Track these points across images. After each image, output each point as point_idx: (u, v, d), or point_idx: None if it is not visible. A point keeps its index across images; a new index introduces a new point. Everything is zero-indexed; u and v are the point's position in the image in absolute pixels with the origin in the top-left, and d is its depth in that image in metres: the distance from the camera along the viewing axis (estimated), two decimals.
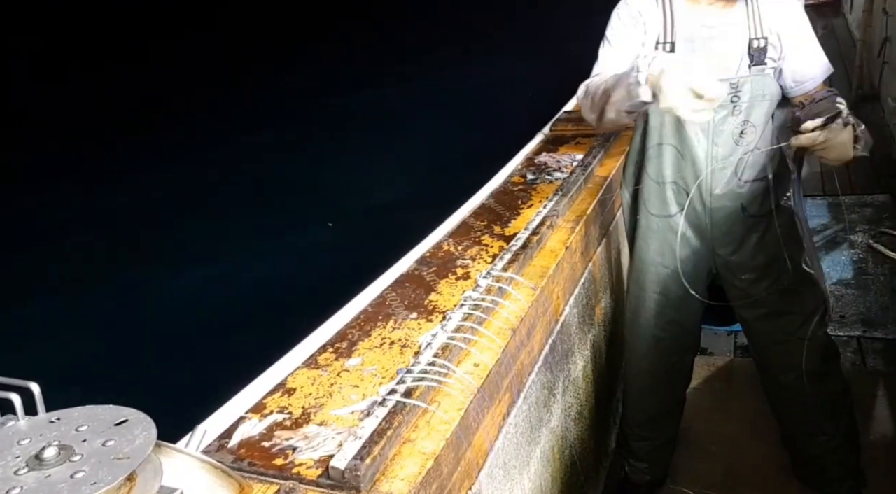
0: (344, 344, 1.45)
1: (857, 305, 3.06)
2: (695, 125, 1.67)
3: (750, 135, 1.65)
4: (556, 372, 1.76)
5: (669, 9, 1.64)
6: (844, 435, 1.97)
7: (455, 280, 1.66)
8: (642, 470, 2.17)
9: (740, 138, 1.66)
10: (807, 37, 1.62)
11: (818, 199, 4.10)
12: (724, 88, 1.30)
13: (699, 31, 1.63)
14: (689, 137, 1.71)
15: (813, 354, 1.86)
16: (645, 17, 1.66)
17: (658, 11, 1.65)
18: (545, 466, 1.70)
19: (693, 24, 1.63)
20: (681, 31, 1.64)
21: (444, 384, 1.24)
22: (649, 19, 1.66)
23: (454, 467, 1.18)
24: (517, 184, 2.24)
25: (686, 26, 1.64)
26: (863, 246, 3.54)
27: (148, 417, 0.84)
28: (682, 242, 1.84)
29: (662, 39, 1.65)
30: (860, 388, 2.33)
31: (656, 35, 1.66)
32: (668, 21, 1.64)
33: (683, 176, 1.76)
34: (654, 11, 1.66)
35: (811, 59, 1.62)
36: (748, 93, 1.62)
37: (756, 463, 2.24)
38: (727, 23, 1.61)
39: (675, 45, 1.64)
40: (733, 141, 1.67)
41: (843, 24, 8.08)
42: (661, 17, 1.65)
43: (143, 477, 0.81)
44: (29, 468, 0.76)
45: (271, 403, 1.28)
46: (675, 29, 1.64)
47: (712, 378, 2.70)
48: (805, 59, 1.61)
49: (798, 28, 1.61)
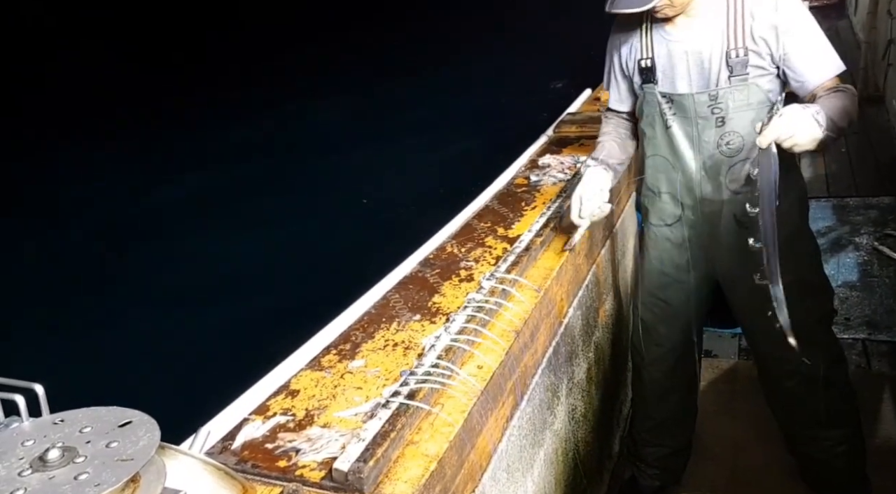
0: (347, 345, 1.45)
1: (862, 307, 3.04)
2: (681, 136, 1.73)
3: (736, 144, 1.67)
4: (560, 374, 1.76)
5: (648, 28, 1.71)
6: (850, 441, 1.96)
7: (458, 282, 1.66)
8: (652, 476, 2.17)
9: (726, 148, 1.68)
10: (806, 35, 1.58)
11: (822, 201, 4.09)
12: (584, 221, 1.71)
13: (675, 47, 1.67)
14: (678, 148, 1.74)
15: (818, 360, 1.85)
16: (623, 44, 1.77)
17: (637, 32, 1.73)
18: (549, 469, 1.69)
19: (668, 40, 1.68)
20: (658, 49, 1.70)
21: (448, 386, 1.24)
22: (628, 42, 1.76)
23: (457, 469, 1.18)
24: (521, 185, 2.24)
25: (662, 44, 1.69)
26: (868, 248, 3.53)
27: (151, 419, 0.84)
28: (681, 251, 1.87)
29: (642, 55, 1.73)
30: (865, 391, 2.32)
31: (637, 55, 1.74)
32: (646, 40, 1.71)
33: (676, 186, 1.79)
34: (634, 33, 1.74)
35: (810, 57, 1.59)
36: (729, 104, 1.64)
37: (761, 466, 2.23)
38: (702, 37, 1.63)
39: (653, 60, 1.71)
40: (718, 151, 1.69)
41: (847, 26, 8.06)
42: (641, 36, 1.72)
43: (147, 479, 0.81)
44: (33, 469, 0.76)
45: (275, 405, 1.28)
46: (654, 47, 1.70)
47: (717, 380, 2.69)
48: (803, 58, 1.58)
49: (795, 27, 1.58)
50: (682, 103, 1.68)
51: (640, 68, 1.73)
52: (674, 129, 1.73)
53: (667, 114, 1.72)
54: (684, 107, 1.69)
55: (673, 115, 1.71)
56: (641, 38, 1.72)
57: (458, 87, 10.15)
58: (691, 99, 1.67)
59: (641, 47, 1.72)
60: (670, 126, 1.73)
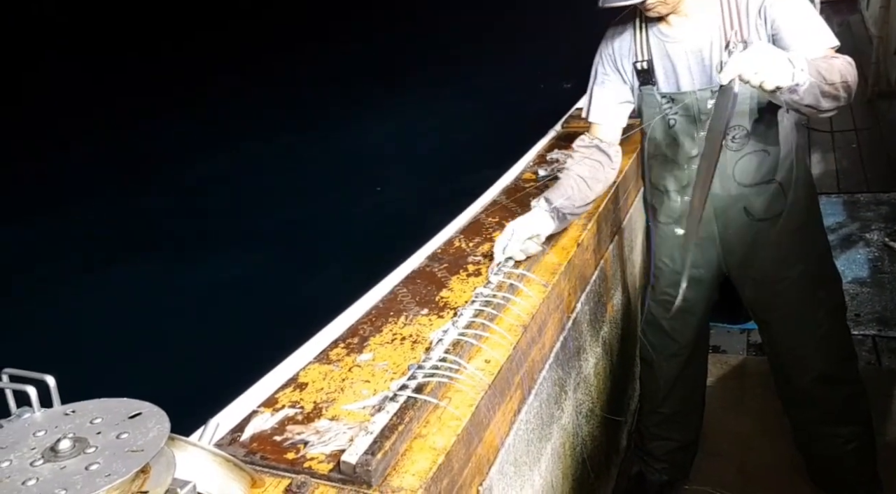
0: (355, 339, 1.45)
1: (873, 304, 3.03)
2: (685, 134, 1.71)
3: (742, 137, 1.65)
4: (568, 368, 1.76)
5: (642, 28, 1.69)
6: (860, 439, 1.95)
7: (466, 276, 1.66)
8: (660, 471, 2.17)
9: (732, 142, 1.67)
10: (794, 13, 1.53)
11: (833, 197, 4.06)
12: (499, 257, 1.59)
13: (673, 47, 1.66)
14: (682, 146, 1.73)
15: (830, 356, 1.85)
16: (618, 48, 1.74)
17: (630, 33, 1.72)
18: (556, 463, 1.69)
19: (666, 41, 1.66)
20: (656, 50, 1.68)
21: (455, 380, 1.24)
22: (624, 46, 1.73)
23: (465, 463, 1.18)
24: (529, 180, 2.23)
25: (660, 45, 1.68)
26: (878, 244, 3.51)
27: (161, 410, 0.85)
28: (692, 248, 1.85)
29: (638, 58, 1.70)
30: (875, 388, 2.30)
31: (633, 58, 1.71)
32: (641, 40, 1.69)
33: (684, 184, 1.79)
34: (627, 36, 1.73)
35: (801, 33, 1.52)
36: None
37: (769, 463, 2.22)
38: (699, 33, 1.62)
39: (651, 62, 1.69)
40: (724, 145, 1.66)
41: (859, 21, 7.98)
42: (635, 39, 1.71)
43: (157, 470, 0.81)
44: (44, 459, 0.76)
45: (283, 398, 1.29)
46: (651, 47, 1.68)
47: (725, 376, 2.68)
48: (794, 34, 1.52)
49: (785, 6, 1.53)
50: (684, 101, 1.67)
51: (637, 71, 1.72)
52: (677, 128, 1.72)
53: (668, 114, 1.71)
54: (686, 105, 1.68)
55: (675, 114, 1.70)
56: (636, 40, 1.71)
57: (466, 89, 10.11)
58: (693, 96, 1.66)
59: (637, 50, 1.70)
60: (672, 125, 1.72)
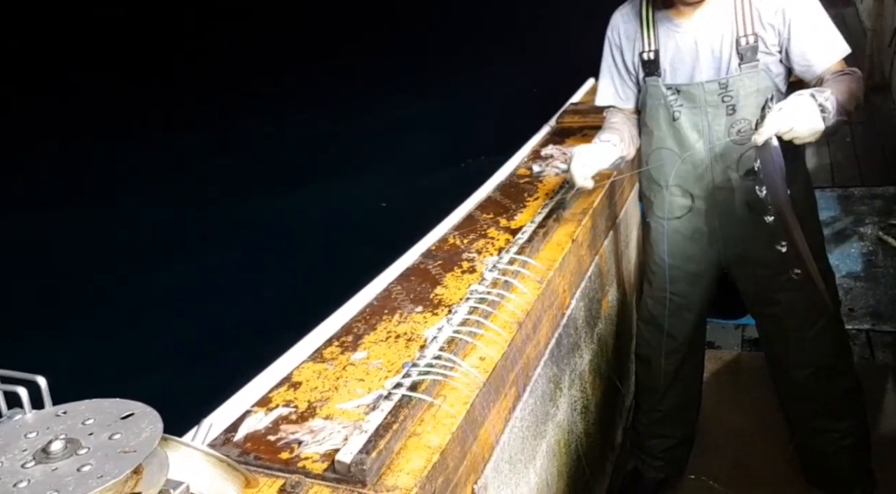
0: (349, 337, 1.45)
1: (867, 298, 3.03)
2: (689, 126, 1.71)
3: (747, 131, 1.65)
4: (563, 365, 1.76)
5: (650, 19, 1.69)
6: (856, 434, 1.95)
7: (461, 273, 1.66)
8: (656, 468, 2.17)
9: (737, 135, 1.67)
10: (811, 18, 1.58)
11: (827, 191, 4.07)
12: (588, 182, 1.68)
13: (683, 38, 1.66)
14: (686, 139, 1.73)
15: (826, 350, 1.85)
16: (624, 36, 1.75)
17: (636, 23, 1.71)
18: (551, 460, 1.70)
19: (677, 32, 1.66)
20: (665, 41, 1.68)
21: (450, 378, 1.24)
22: (630, 35, 1.73)
23: (460, 461, 1.18)
24: (523, 176, 2.23)
25: (670, 36, 1.67)
26: (872, 238, 3.51)
27: (154, 411, 0.84)
28: (692, 243, 1.86)
29: (644, 48, 1.70)
30: (869, 383, 2.30)
31: (639, 48, 1.71)
32: (649, 31, 1.69)
33: (685, 178, 1.78)
34: (633, 25, 1.72)
35: (817, 41, 1.58)
36: (739, 92, 1.63)
37: (764, 458, 2.23)
38: (711, 26, 1.62)
39: (657, 53, 1.69)
40: (729, 139, 1.68)
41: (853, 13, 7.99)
42: (641, 28, 1.70)
43: (150, 471, 0.81)
44: (36, 461, 0.76)
45: (277, 397, 1.28)
46: (659, 38, 1.68)
47: (720, 372, 2.69)
48: (809, 41, 1.58)
49: (802, 11, 1.57)
50: (691, 93, 1.67)
51: (643, 61, 1.72)
52: (681, 120, 1.71)
53: (673, 106, 1.71)
54: (693, 97, 1.67)
55: (680, 106, 1.70)
56: (643, 31, 1.70)
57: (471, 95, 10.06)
58: (701, 88, 1.66)
59: (644, 40, 1.70)
60: (677, 117, 1.71)
